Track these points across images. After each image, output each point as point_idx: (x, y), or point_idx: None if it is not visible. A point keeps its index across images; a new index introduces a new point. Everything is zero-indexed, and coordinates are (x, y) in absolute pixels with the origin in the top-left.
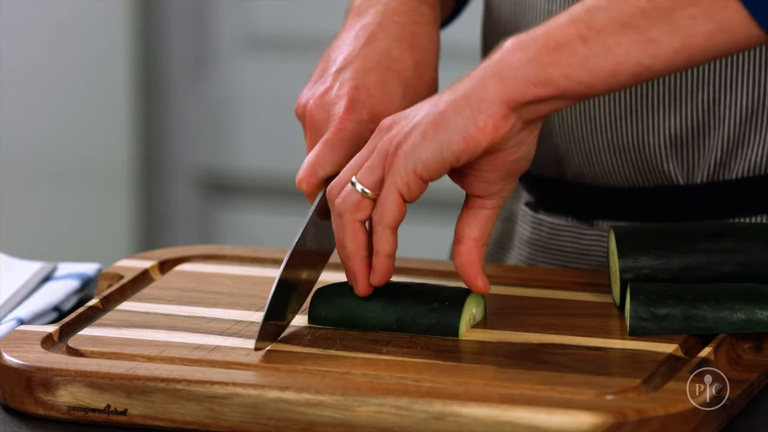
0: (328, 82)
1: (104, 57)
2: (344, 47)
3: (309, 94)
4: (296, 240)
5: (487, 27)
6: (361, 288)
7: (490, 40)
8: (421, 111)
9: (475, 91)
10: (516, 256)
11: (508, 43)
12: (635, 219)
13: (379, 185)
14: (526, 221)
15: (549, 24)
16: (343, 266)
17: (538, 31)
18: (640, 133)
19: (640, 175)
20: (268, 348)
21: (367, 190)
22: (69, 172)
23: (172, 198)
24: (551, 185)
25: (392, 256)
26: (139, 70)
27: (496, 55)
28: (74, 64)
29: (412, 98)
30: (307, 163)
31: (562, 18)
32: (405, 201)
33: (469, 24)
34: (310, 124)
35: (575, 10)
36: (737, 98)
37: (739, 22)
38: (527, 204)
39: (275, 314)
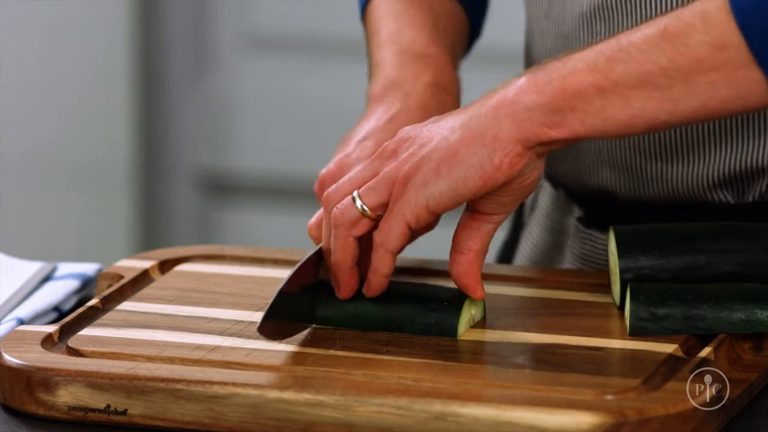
0: (349, 150)
1: (104, 57)
2: (366, 125)
3: (329, 164)
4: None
5: (528, 55)
6: (343, 294)
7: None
8: (431, 140)
9: (488, 130)
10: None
11: (523, 81)
12: None
13: (380, 208)
14: (578, 237)
15: (566, 66)
16: (327, 267)
17: (554, 73)
18: (690, 172)
19: (690, 202)
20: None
21: (367, 209)
22: (69, 172)
23: (172, 198)
24: (601, 204)
25: (389, 276)
26: (139, 70)
27: (510, 92)
28: (74, 64)
29: None
30: (320, 213)
31: (579, 63)
32: (410, 229)
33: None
34: (330, 182)
35: (593, 56)
36: None
37: (757, 91)
38: (579, 219)
39: (281, 314)
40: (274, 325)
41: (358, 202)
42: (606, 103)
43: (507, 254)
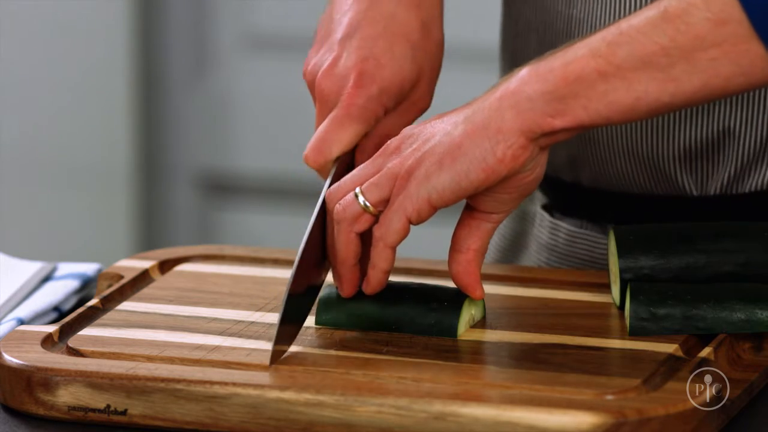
0: (335, 50)
1: (104, 57)
2: (346, 9)
3: (317, 62)
4: (304, 242)
5: (506, 29)
6: (346, 291)
7: (509, 43)
8: (434, 135)
9: (492, 122)
10: (534, 259)
11: (524, 72)
12: None
13: (383, 203)
14: (543, 225)
15: (567, 54)
16: (331, 265)
17: (555, 62)
18: (656, 143)
19: (654, 184)
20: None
21: (369, 205)
22: (69, 172)
23: (172, 198)
24: (566, 188)
25: (389, 271)
26: (139, 70)
27: (512, 83)
28: (74, 65)
29: (420, 60)
30: (315, 140)
31: (580, 49)
32: (411, 224)
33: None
34: (320, 96)
35: (594, 42)
36: (756, 117)
37: (760, 67)
38: (544, 207)
39: (292, 316)
40: (285, 330)
41: (361, 198)
42: (609, 87)
43: None
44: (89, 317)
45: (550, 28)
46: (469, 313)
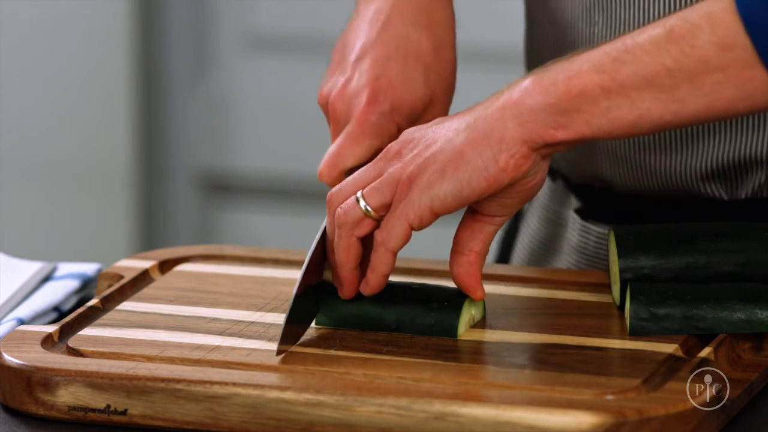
0: (348, 72)
1: (104, 57)
2: (360, 33)
3: (330, 86)
4: (315, 241)
5: (529, 45)
6: (346, 294)
7: (532, 58)
8: (436, 141)
9: (494, 131)
10: (564, 262)
11: (528, 83)
12: None
13: (384, 208)
14: (575, 228)
15: (571, 67)
16: (330, 267)
17: (559, 75)
18: (682, 163)
19: (681, 195)
20: (287, 350)
21: (370, 210)
22: (69, 172)
23: (172, 198)
24: (598, 194)
25: (388, 275)
26: (139, 70)
27: (515, 93)
28: (74, 64)
29: (433, 82)
30: (328, 156)
31: (584, 64)
32: (412, 229)
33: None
34: (333, 116)
35: (599, 56)
36: None
37: (763, 92)
38: (577, 211)
39: (297, 316)
40: (290, 330)
41: (362, 203)
42: (611, 104)
43: (506, 245)
44: (89, 317)
45: (570, 46)
46: (469, 314)
